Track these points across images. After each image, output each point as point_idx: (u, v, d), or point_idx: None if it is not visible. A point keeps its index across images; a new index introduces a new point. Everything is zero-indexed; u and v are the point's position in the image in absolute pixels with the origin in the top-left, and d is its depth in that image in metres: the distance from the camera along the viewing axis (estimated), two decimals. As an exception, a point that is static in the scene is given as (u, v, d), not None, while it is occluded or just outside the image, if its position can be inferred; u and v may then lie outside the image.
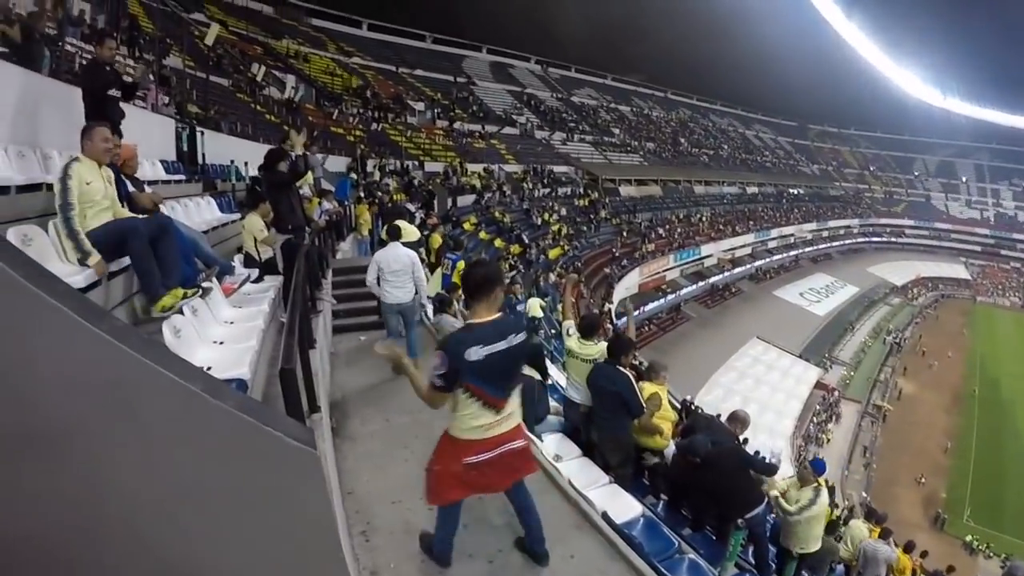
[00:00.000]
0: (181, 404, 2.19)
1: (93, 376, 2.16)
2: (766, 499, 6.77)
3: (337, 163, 24.01)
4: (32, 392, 2.10)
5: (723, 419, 7.61)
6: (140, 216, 5.05)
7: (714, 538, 6.77)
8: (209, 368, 4.01)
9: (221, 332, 5.08)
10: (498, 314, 3.67)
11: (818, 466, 7.23)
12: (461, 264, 11.44)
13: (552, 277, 29.00)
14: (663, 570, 4.56)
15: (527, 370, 7.36)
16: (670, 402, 7.90)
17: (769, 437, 28.45)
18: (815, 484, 7.01)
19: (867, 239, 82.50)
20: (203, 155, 12.58)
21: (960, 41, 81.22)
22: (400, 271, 8.01)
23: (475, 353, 3.41)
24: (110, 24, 17.46)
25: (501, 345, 3.51)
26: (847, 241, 78.71)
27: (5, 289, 1.95)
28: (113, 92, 6.12)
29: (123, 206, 5.14)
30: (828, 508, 7.25)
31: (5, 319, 2.02)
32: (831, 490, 10.89)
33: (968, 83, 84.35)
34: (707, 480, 6.30)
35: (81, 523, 2.32)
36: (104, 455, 2.25)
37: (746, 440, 7.44)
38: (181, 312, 4.50)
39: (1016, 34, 76.37)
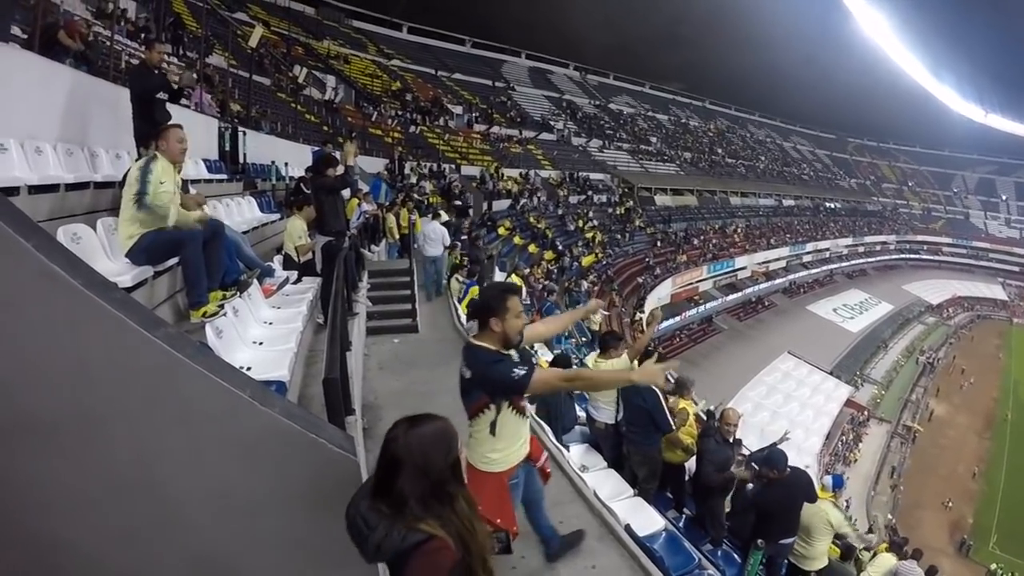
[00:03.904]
0: (231, 409, 2.31)
1: (146, 380, 2.24)
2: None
3: (374, 164, 24.19)
4: (81, 393, 2.20)
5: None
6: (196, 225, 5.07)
7: (735, 556, 6.77)
8: (249, 368, 4.11)
9: (260, 333, 5.18)
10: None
11: (836, 481, 7.18)
12: (474, 290, 11.54)
13: (584, 284, 29.01)
14: None
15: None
16: (695, 415, 7.91)
17: (797, 454, 28.15)
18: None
19: (903, 256, 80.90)
20: (244, 155, 12.67)
21: (1004, 57, 79.88)
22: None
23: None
24: (155, 22, 17.83)
25: None
26: (883, 257, 77.41)
27: (63, 295, 2.03)
28: (161, 95, 6.23)
29: None
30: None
31: (64, 324, 2.10)
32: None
33: (1010, 99, 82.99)
34: (774, 496, 6.26)
35: (124, 521, 2.42)
36: (152, 457, 2.35)
37: (739, 441, 7.38)
38: (224, 313, 4.59)
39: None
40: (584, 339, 18.60)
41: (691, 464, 7.46)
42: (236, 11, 32.52)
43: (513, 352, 3.48)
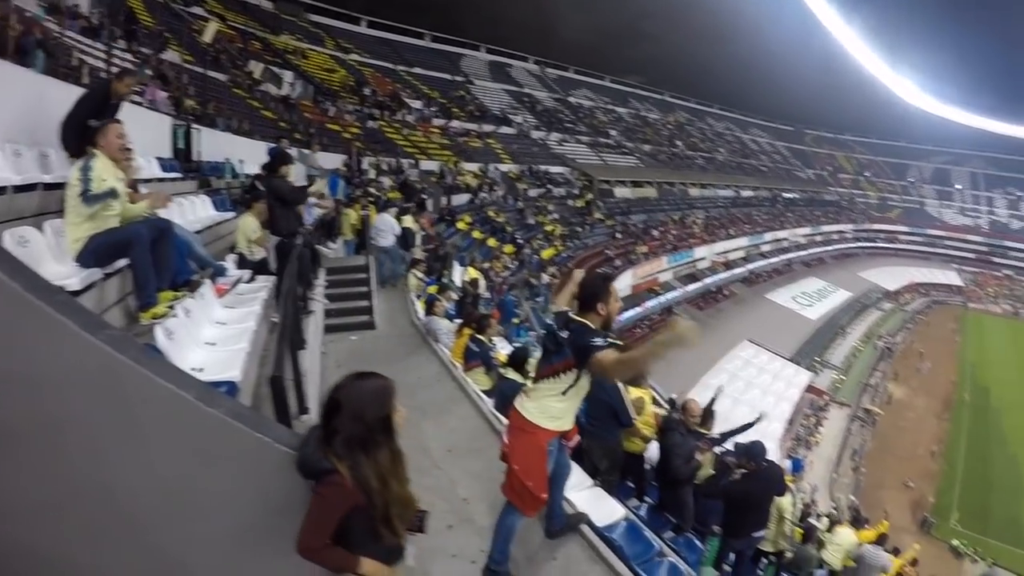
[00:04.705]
0: (177, 411, 2.36)
1: (92, 384, 2.29)
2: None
3: (332, 160, 24.05)
4: (31, 399, 2.23)
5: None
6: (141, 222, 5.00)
7: (698, 543, 6.82)
8: (201, 370, 4.11)
9: (213, 333, 5.13)
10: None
11: (795, 465, 7.32)
12: (433, 288, 11.64)
13: (545, 277, 29.14)
14: (641, 572, 4.64)
15: (511, 374, 7.50)
16: (654, 401, 8.02)
17: (759, 439, 28.53)
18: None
19: (860, 244, 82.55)
20: (199, 152, 12.57)
21: (958, 50, 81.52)
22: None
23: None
24: (108, 17, 17.55)
25: None
26: (840, 246, 78.65)
27: (4, 299, 2.07)
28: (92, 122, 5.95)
29: None
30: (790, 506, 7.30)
31: (5, 328, 2.14)
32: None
33: (965, 91, 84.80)
34: (750, 488, 6.33)
35: (83, 524, 2.47)
36: (104, 459, 2.40)
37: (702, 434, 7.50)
38: (174, 314, 4.53)
39: (1015, 44, 76.59)
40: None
41: (651, 453, 7.57)
42: (192, 5, 32.13)
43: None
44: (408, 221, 15.47)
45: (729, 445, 8.25)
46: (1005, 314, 68.57)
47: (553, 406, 3.80)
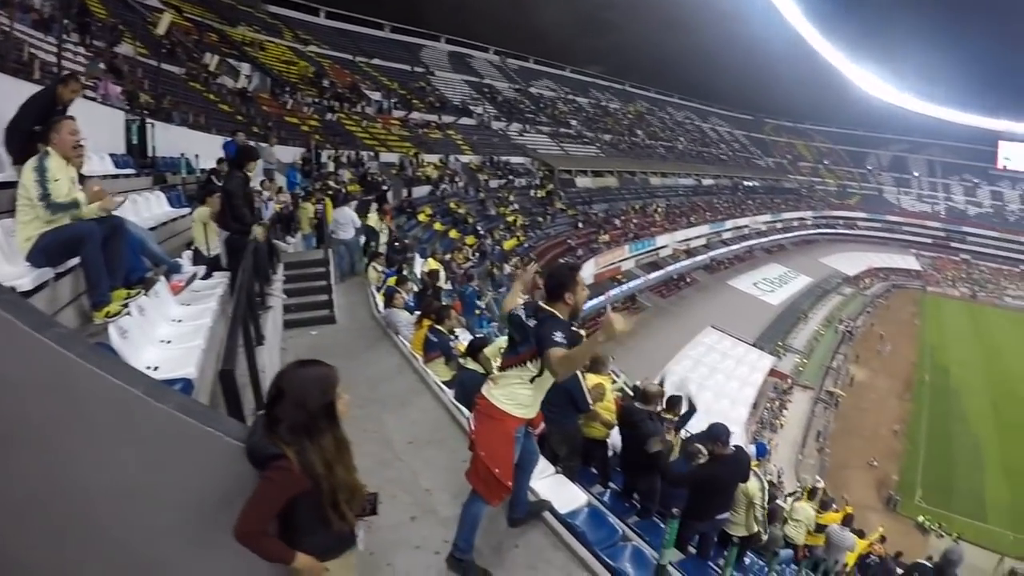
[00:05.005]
0: (126, 407, 2.38)
1: (41, 382, 2.32)
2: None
3: (290, 153, 23.85)
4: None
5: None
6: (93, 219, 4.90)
7: (663, 526, 6.85)
8: (156, 368, 4.10)
9: (169, 331, 5.11)
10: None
11: (759, 449, 7.40)
12: (392, 280, 11.62)
13: (507, 268, 29.20)
14: (605, 558, 4.65)
15: (471, 364, 7.56)
16: (621, 390, 8.10)
17: (721, 422, 28.87)
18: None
19: (820, 231, 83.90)
20: (153, 148, 12.38)
21: (914, 40, 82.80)
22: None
23: None
24: (60, 10, 17.18)
25: None
26: (800, 232, 79.84)
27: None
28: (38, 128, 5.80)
29: None
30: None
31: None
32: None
33: (922, 81, 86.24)
34: (717, 472, 6.30)
35: (42, 525, 2.50)
36: (56, 457, 2.42)
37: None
38: (128, 312, 4.52)
39: (968, 35, 77.93)
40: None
41: (615, 439, 7.62)
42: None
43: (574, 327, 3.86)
44: (372, 220, 15.35)
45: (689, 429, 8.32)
46: (963, 297, 70.94)
47: (521, 393, 3.87)
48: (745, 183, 77.64)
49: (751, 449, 7.29)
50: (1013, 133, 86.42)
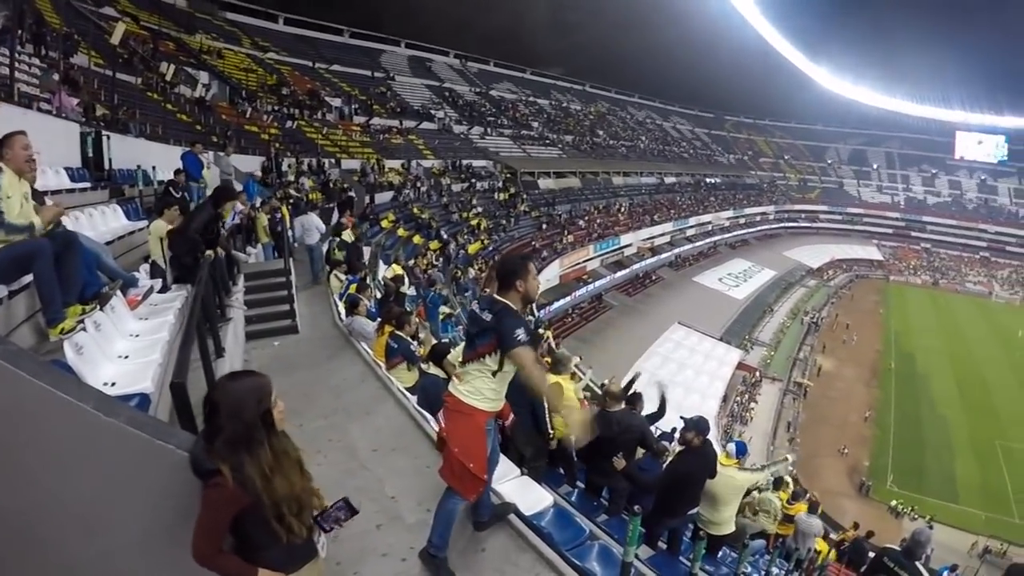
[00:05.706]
0: (77, 422, 2.39)
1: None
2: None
3: (251, 163, 23.63)
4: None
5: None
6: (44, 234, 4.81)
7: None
8: (113, 384, 4.09)
9: (126, 346, 5.06)
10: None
11: (739, 448, 7.44)
12: (352, 288, 11.52)
13: (472, 272, 29.24)
14: (572, 558, 4.62)
15: (433, 369, 7.60)
16: (588, 388, 8.07)
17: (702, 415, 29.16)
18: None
19: (782, 224, 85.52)
20: (110, 160, 12.24)
21: (871, 35, 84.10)
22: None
23: None
24: (13, 21, 16.89)
25: None
26: (763, 227, 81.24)
27: None
28: None
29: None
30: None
31: None
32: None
33: (878, 75, 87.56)
34: (689, 466, 6.36)
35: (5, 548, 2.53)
36: (8, 477, 2.44)
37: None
38: (84, 328, 4.46)
39: (923, 31, 78.93)
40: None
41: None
42: (103, 5, 31.21)
43: (530, 318, 3.92)
44: (348, 235, 14.58)
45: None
46: (925, 285, 72.71)
47: (485, 387, 3.91)
48: (707, 180, 78.56)
49: (731, 447, 7.33)
50: (969, 124, 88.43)
